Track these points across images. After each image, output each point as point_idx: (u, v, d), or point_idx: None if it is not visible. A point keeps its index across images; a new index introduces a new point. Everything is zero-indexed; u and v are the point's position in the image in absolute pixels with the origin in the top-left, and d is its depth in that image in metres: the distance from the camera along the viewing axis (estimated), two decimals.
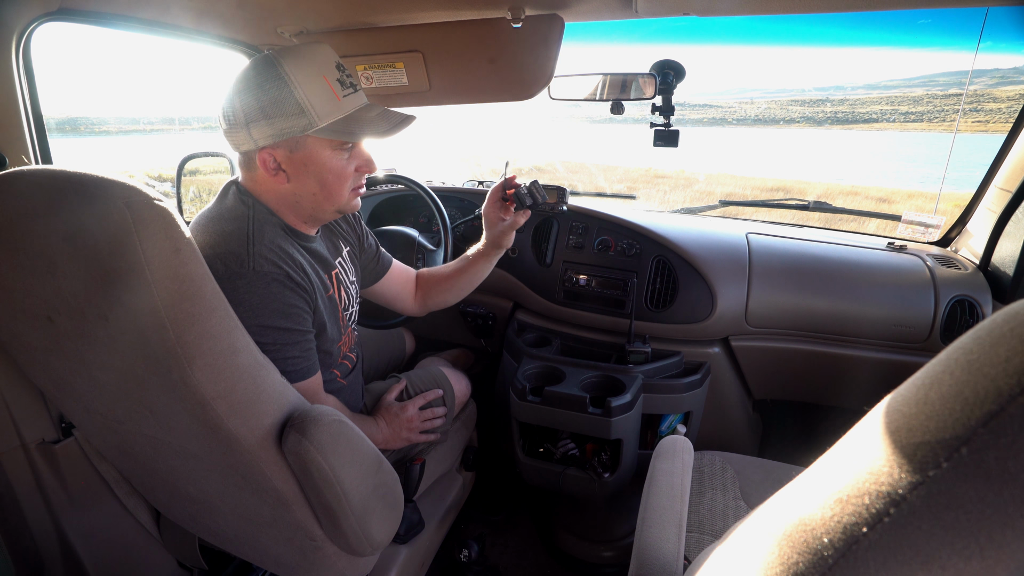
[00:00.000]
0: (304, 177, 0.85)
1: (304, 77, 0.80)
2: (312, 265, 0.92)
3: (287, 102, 0.79)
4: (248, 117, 0.80)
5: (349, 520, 0.77)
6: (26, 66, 0.90)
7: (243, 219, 0.84)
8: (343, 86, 0.84)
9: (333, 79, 0.83)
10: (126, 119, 48.31)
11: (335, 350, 0.99)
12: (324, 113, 0.81)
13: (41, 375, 0.74)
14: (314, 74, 0.81)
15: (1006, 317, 0.26)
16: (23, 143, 0.90)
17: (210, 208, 0.88)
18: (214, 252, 0.80)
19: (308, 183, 0.86)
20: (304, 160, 0.84)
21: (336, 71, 0.84)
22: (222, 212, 0.86)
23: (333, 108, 0.82)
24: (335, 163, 0.86)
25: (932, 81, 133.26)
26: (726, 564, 0.41)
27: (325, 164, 0.85)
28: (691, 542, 0.94)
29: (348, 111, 0.85)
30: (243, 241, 0.81)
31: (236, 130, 0.82)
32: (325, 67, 0.83)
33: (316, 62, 0.82)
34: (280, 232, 0.87)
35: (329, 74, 0.83)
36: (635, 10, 1.03)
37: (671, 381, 1.32)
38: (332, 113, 0.82)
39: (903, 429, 0.28)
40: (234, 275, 0.79)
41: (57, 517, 0.90)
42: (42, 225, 0.57)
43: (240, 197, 0.87)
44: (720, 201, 1.86)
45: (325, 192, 0.87)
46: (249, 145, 0.82)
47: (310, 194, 0.87)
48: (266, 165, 0.83)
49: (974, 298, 1.22)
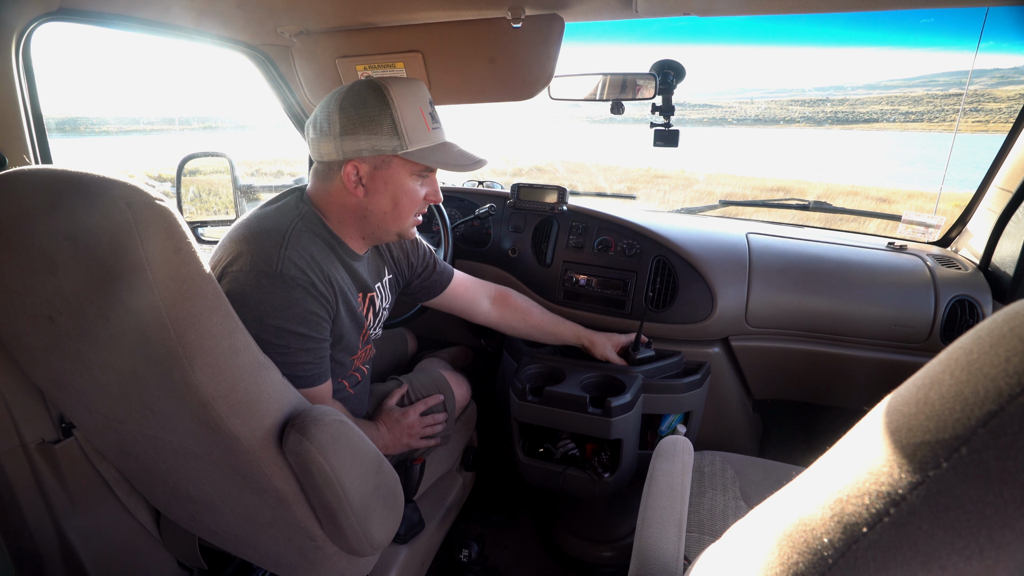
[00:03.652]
0: (381, 194, 0.90)
1: (404, 104, 0.86)
2: (346, 280, 0.95)
3: (384, 123, 0.85)
4: (343, 129, 0.85)
5: (349, 520, 0.77)
6: (26, 66, 0.90)
7: (288, 218, 0.88)
8: (433, 120, 0.91)
9: (427, 112, 0.89)
10: (126, 119, 48.30)
11: (348, 362, 1.00)
12: (415, 139, 0.87)
13: (41, 375, 0.74)
14: (412, 103, 0.87)
15: (1006, 317, 0.26)
16: (23, 143, 0.90)
17: (264, 205, 0.93)
18: (248, 247, 0.83)
19: (383, 201, 0.91)
20: (386, 178, 0.89)
21: (429, 106, 0.91)
22: (270, 211, 0.90)
23: (423, 136, 0.89)
24: (412, 186, 0.92)
25: (932, 81, 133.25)
26: (726, 564, 0.41)
27: (403, 185, 0.91)
28: (691, 542, 0.94)
29: (435, 142, 0.91)
30: (277, 242, 0.84)
31: (325, 140, 0.86)
32: (421, 100, 0.89)
33: (415, 94, 0.88)
34: (319, 242, 0.90)
35: (424, 107, 0.89)
36: (635, 10, 1.03)
37: (671, 381, 1.32)
38: (422, 140, 0.88)
39: (903, 429, 0.28)
40: (261, 273, 0.81)
41: (57, 517, 0.90)
42: (43, 225, 0.57)
43: (298, 202, 0.91)
44: (720, 201, 1.86)
45: (396, 212, 0.93)
46: (336, 156, 0.87)
47: (381, 212, 0.92)
48: (349, 176, 0.88)
49: (974, 298, 1.22)
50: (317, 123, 0.88)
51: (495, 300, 1.33)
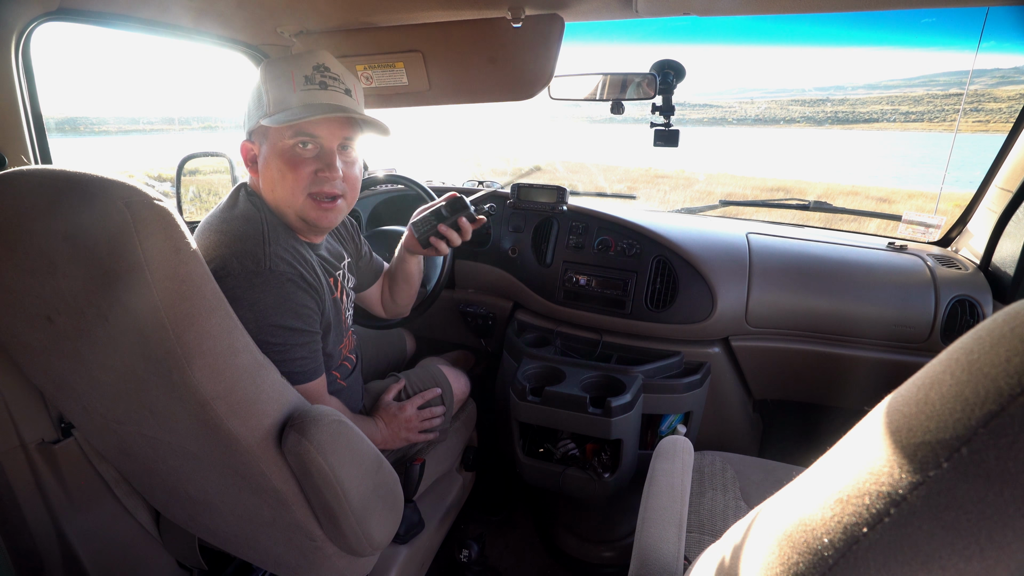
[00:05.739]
0: (266, 169, 0.88)
1: (274, 73, 0.84)
2: (321, 266, 0.93)
3: (255, 95, 0.86)
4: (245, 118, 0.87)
5: (349, 520, 0.77)
6: (26, 66, 0.90)
7: (256, 220, 0.85)
8: (308, 82, 0.85)
9: (301, 75, 0.85)
10: (126, 119, 48.32)
11: (336, 352, 1.00)
12: (279, 103, 0.84)
13: (41, 375, 0.74)
14: (284, 70, 0.84)
15: (1006, 317, 0.26)
16: (23, 143, 0.90)
17: (221, 208, 0.89)
18: (230, 251, 0.80)
19: (270, 174, 0.87)
20: (266, 152, 0.87)
21: (312, 70, 0.85)
22: (235, 213, 0.87)
23: (288, 98, 0.84)
24: (286, 148, 0.84)
25: (933, 81, 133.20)
26: (726, 564, 0.41)
27: (276, 149, 0.85)
28: (691, 542, 0.94)
29: (303, 102, 0.84)
30: (259, 241, 0.82)
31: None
32: (300, 66, 0.85)
33: (294, 62, 0.85)
34: (291, 233, 0.89)
35: (299, 71, 0.85)
36: (635, 10, 1.03)
37: (671, 381, 1.32)
38: (287, 103, 0.84)
39: (903, 429, 0.28)
40: (251, 274, 0.80)
41: (57, 517, 0.90)
42: (42, 225, 0.57)
43: (250, 199, 0.88)
44: (720, 201, 1.86)
45: (284, 185, 0.86)
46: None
47: (271, 187, 0.87)
48: (244, 156, 0.88)
49: (974, 298, 1.22)
50: None
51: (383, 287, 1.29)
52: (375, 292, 1.26)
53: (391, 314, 1.31)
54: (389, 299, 1.28)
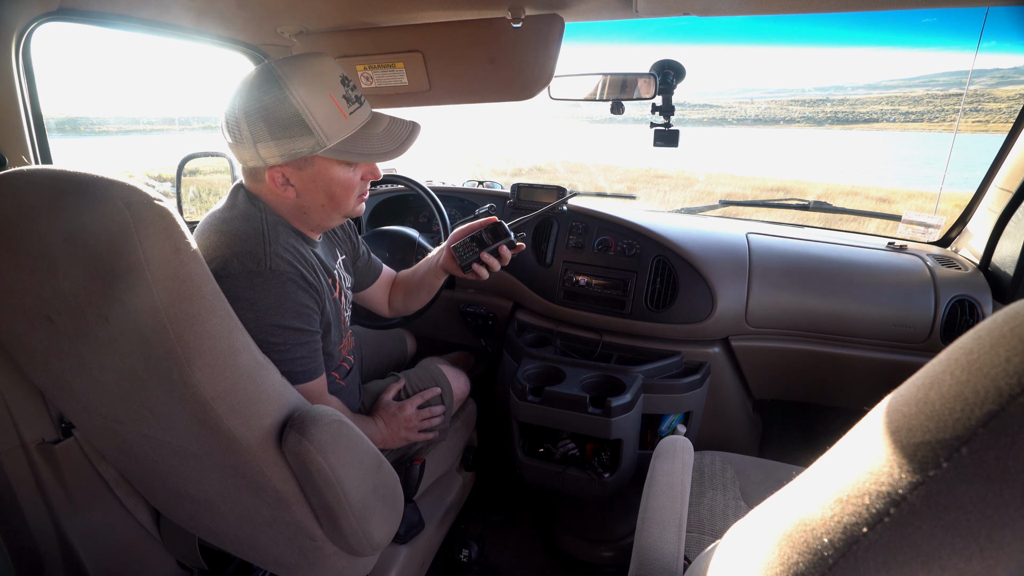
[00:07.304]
0: (313, 192, 0.86)
1: (310, 96, 0.78)
2: (320, 266, 0.93)
3: (294, 124, 0.78)
4: (255, 136, 0.78)
5: (349, 520, 0.77)
6: (26, 66, 0.90)
7: (257, 220, 0.85)
8: (349, 102, 0.83)
9: (339, 96, 0.82)
10: (126, 119, 48.26)
11: (336, 352, 1.00)
12: (332, 133, 0.81)
13: (41, 375, 0.74)
14: (320, 91, 0.79)
15: (1006, 317, 0.26)
16: (23, 143, 0.90)
17: (220, 209, 0.88)
18: (231, 251, 0.80)
19: (317, 196, 0.87)
20: (313, 176, 0.85)
21: (341, 86, 0.83)
22: (234, 213, 0.86)
23: (341, 127, 0.81)
24: (343, 176, 0.86)
25: (932, 81, 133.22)
26: (726, 564, 0.41)
27: (334, 179, 0.86)
28: (691, 542, 0.94)
29: (356, 127, 0.84)
30: (260, 241, 0.82)
31: (242, 147, 0.81)
32: (330, 83, 0.81)
33: (322, 78, 0.80)
34: (292, 233, 0.89)
35: (335, 91, 0.81)
36: (635, 10, 1.03)
37: (671, 381, 1.32)
38: (340, 131, 0.82)
39: (903, 429, 0.28)
40: (252, 273, 0.79)
41: (57, 517, 0.90)
42: (42, 225, 0.57)
43: (250, 200, 0.87)
44: (720, 201, 1.86)
45: (333, 203, 0.89)
46: (257, 163, 0.82)
47: (318, 206, 0.88)
48: (275, 181, 0.83)
49: (974, 298, 1.22)
50: (228, 128, 0.81)
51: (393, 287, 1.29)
52: (377, 293, 1.26)
53: (396, 314, 1.31)
54: (401, 304, 1.27)
